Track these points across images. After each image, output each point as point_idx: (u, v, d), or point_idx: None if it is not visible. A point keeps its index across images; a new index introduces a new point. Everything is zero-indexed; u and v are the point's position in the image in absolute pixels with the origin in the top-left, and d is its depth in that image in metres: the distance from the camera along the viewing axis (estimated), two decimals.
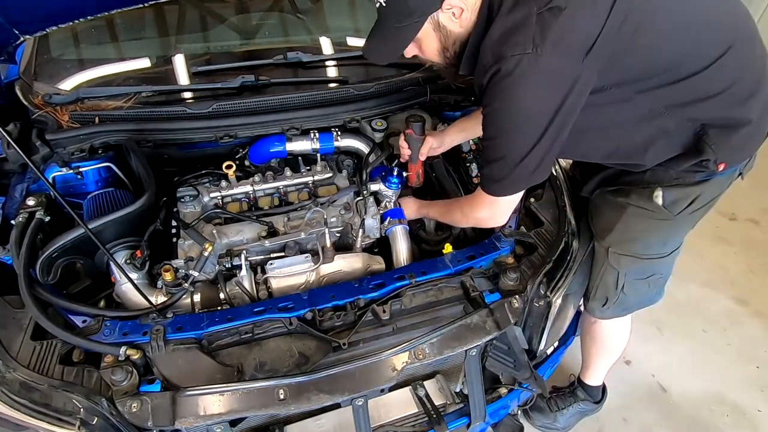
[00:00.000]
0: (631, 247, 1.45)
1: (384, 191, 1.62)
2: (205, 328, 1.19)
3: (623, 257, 1.46)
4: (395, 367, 1.20)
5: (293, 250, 1.44)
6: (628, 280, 1.51)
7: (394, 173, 1.60)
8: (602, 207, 1.48)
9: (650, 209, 1.35)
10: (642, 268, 1.49)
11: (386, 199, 1.62)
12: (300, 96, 1.68)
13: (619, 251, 1.46)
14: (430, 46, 1.23)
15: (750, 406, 2.25)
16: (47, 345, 1.17)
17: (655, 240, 1.44)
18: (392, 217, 1.55)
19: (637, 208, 1.38)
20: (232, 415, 1.11)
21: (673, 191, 1.32)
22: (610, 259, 1.48)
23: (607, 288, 1.54)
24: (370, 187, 1.61)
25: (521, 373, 1.42)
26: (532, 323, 1.42)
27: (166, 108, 1.60)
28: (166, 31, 1.93)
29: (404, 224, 1.54)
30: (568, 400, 2.06)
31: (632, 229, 1.42)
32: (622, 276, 1.50)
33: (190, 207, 1.55)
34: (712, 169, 1.25)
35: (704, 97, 1.16)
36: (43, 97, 1.56)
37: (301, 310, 1.25)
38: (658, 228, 1.40)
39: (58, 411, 1.07)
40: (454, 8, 1.12)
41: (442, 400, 1.45)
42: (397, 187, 1.61)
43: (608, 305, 1.59)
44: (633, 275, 1.50)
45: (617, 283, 1.52)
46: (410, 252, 1.51)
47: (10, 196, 1.43)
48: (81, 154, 1.49)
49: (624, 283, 1.51)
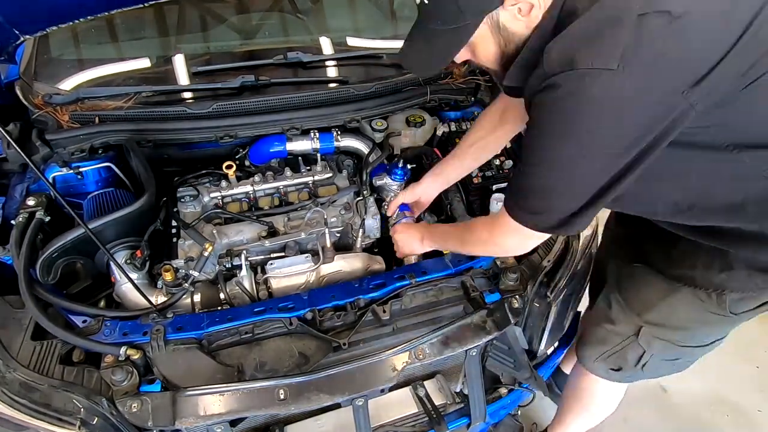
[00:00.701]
0: (671, 333, 1.25)
1: (390, 184, 1.62)
2: (205, 328, 1.19)
3: (657, 341, 1.28)
4: (395, 367, 1.20)
5: (293, 250, 1.44)
6: (653, 361, 1.34)
7: (399, 165, 1.59)
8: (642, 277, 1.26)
9: (708, 302, 1.14)
10: (674, 353, 1.31)
11: (392, 193, 1.62)
12: (300, 96, 1.68)
13: (654, 334, 1.27)
14: (486, 51, 0.98)
15: (750, 406, 2.25)
16: (47, 345, 1.17)
17: (701, 332, 1.24)
18: (399, 210, 1.54)
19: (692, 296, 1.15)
20: (232, 415, 1.11)
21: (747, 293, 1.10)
22: (640, 338, 1.30)
23: (626, 361, 1.38)
24: (376, 181, 1.61)
25: (521, 373, 1.42)
26: (532, 323, 1.42)
27: (166, 108, 1.60)
28: (166, 31, 1.93)
29: (412, 217, 1.54)
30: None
31: (678, 316, 1.21)
32: (647, 355, 1.33)
33: (190, 207, 1.55)
34: None
35: None
36: (43, 97, 1.56)
37: (301, 310, 1.25)
38: (710, 322, 1.18)
39: (58, 411, 1.07)
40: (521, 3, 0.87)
41: (442, 400, 1.45)
42: (402, 179, 1.61)
43: (620, 372, 1.42)
44: (660, 357, 1.33)
45: (640, 360, 1.34)
46: None
47: (10, 196, 1.43)
48: (81, 154, 1.49)
49: (647, 362, 1.35)
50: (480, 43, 0.96)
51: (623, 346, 1.36)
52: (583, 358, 1.50)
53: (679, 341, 1.27)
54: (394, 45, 2.07)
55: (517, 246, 1.11)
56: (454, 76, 1.89)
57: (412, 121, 1.78)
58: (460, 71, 1.90)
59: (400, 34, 2.14)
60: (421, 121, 1.78)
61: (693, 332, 1.25)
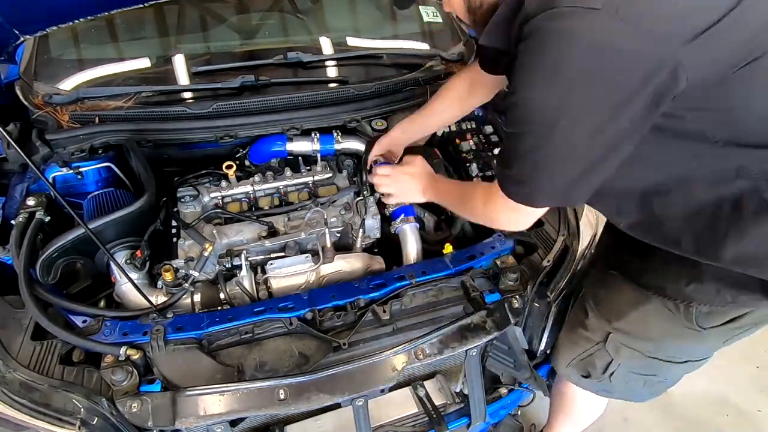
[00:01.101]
0: (639, 343, 1.22)
1: None
2: (205, 328, 1.19)
3: (625, 348, 1.24)
4: (395, 367, 1.20)
5: (293, 250, 1.44)
6: (621, 371, 1.30)
7: None
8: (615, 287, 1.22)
9: (674, 312, 1.10)
10: (643, 365, 1.26)
11: None
12: (300, 96, 1.68)
13: (623, 342, 1.23)
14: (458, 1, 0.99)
15: (750, 406, 2.25)
16: (47, 345, 1.17)
17: (671, 345, 1.19)
18: (405, 214, 1.52)
19: (661, 306, 1.12)
20: (232, 415, 1.11)
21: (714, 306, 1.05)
22: (608, 345, 1.26)
23: (594, 367, 1.33)
24: None
25: (521, 373, 1.42)
26: (532, 323, 1.42)
27: (166, 108, 1.59)
28: (166, 31, 1.93)
29: (414, 222, 1.53)
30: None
31: (648, 327, 1.17)
32: (614, 364, 1.28)
33: (190, 207, 1.55)
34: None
35: None
36: (43, 97, 1.56)
37: (301, 310, 1.25)
38: (681, 335, 1.13)
39: (58, 411, 1.07)
40: None
41: (442, 400, 1.45)
42: None
43: (590, 380, 1.38)
44: (629, 368, 1.29)
45: (607, 368, 1.30)
46: (420, 251, 1.50)
47: (10, 196, 1.44)
48: (81, 154, 1.49)
49: (614, 372, 1.30)
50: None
51: (592, 352, 1.32)
52: (556, 363, 1.47)
53: (648, 352, 1.23)
54: (394, 45, 2.07)
55: (511, 222, 1.07)
56: None
57: None
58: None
59: (401, 34, 2.15)
60: None
61: (661, 344, 1.21)
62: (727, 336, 1.14)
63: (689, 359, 1.23)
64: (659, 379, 1.31)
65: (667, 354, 1.22)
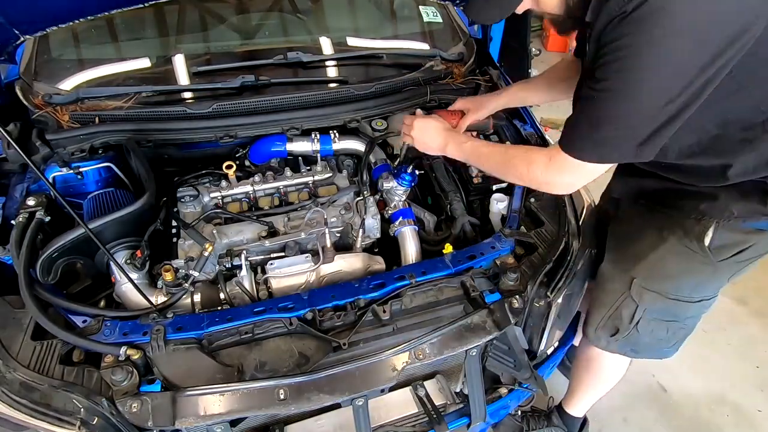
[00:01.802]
0: (660, 284, 1.32)
1: (396, 188, 1.58)
2: (205, 328, 1.19)
3: (647, 292, 1.34)
4: (395, 367, 1.20)
5: (293, 250, 1.44)
6: (645, 317, 1.39)
7: (408, 170, 1.56)
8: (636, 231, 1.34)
9: (692, 249, 1.22)
10: (665, 309, 1.36)
11: (396, 198, 1.58)
12: (300, 96, 1.68)
13: (644, 285, 1.33)
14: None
15: (750, 406, 2.25)
16: (47, 345, 1.17)
17: (687, 282, 1.30)
18: (403, 217, 1.53)
19: (678, 244, 1.23)
20: (232, 415, 1.11)
21: (725, 233, 1.17)
22: (632, 291, 1.36)
23: (621, 319, 1.42)
24: (383, 184, 1.59)
25: (521, 373, 1.42)
26: (533, 323, 1.42)
27: (166, 108, 1.60)
28: (166, 31, 1.93)
29: (413, 225, 1.53)
30: (540, 422, 1.92)
31: (667, 266, 1.28)
32: (640, 311, 1.38)
33: (190, 207, 1.55)
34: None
35: None
36: (43, 97, 1.56)
37: (301, 310, 1.25)
38: (696, 270, 1.26)
39: (58, 411, 1.07)
40: None
41: (442, 400, 1.45)
42: (409, 185, 1.58)
43: (617, 337, 1.47)
44: (653, 314, 1.38)
45: (633, 317, 1.40)
46: (419, 253, 1.51)
47: (10, 196, 1.44)
48: (81, 154, 1.49)
49: (640, 319, 1.39)
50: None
51: (618, 304, 1.40)
52: (587, 331, 1.54)
53: (668, 292, 1.31)
54: (394, 45, 2.07)
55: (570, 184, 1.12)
56: (454, 76, 1.89)
57: None
58: (460, 71, 1.90)
59: (400, 34, 2.15)
60: None
61: (679, 283, 1.30)
62: (733, 270, 1.26)
63: (703, 298, 1.33)
64: (680, 324, 1.40)
65: (684, 294, 1.31)
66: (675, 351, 1.50)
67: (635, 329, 1.41)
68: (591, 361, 1.71)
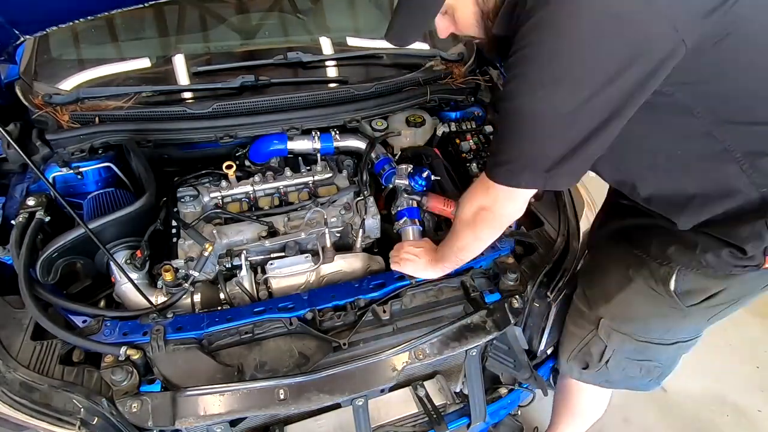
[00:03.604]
0: (628, 326, 1.25)
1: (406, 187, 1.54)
2: (205, 328, 1.19)
3: (615, 333, 1.27)
4: (395, 367, 1.20)
5: (293, 250, 1.44)
6: (616, 357, 1.32)
7: (424, 174, 1.52)
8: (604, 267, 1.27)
9: (659, 292, 1.14)
10: (636, 349, 1.29)
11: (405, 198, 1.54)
12: (300, 96, 1.68)
13: (612, 326, 1.27)
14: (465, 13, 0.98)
15: (750, 406, 2.25)
16: (47, 345, 1.18)
17: (657, 325, 1.23)
18: (408, 216, 1.50)
19: (644, 285, 1.16)
20: (232, 415, 1.11)
21: (690, 279, 1.08)
22: (599, 331, 1.29)
23: (591, 356, 1.36)
24: (395, 181, 1.55)
25: (521, 373, 1.42)
26: (532, 323, 1.42)
27: (166, 108, 1.59)
28: (166, 31, 1.93)
29: (417, 225, 1.51)
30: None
31: (633, 308, 1.22)
32: (609, 350, 1.31)
33: (190, 207, 1.55)
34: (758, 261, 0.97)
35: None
36: (43, 97, 1.56)
37: (301, 310, 1.25)
38: (665, 314, 1.18)
39: (58, 411, 1.07)
40: None
41: (442, 400, 1.45)
42: (422, 188, 1.54)
43: (588, 371, 1.40)
44: (623, 354, 1.31)
45: (603, 356, 1.33)
46: None
47: (10, 196, 1.44)
48: (81, 154, 1.49)
49: (610, 359, 1.33)
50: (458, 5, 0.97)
51: (587, 341, 1.35)
52: (559, 361, 1.49)
53: (636, 334, 1.25)
54: None
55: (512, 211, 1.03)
56: (454, 76, 1.89)
57: (412, 121, 1.78)
58: (460, 71, 1.90)
59: None
60: (421, 121, 1.78)
61: (648, 325, 1.23)
62: (708, 315, 1.16)
63: (678, 341, 1.25)
64: (655, 364, 1.33)
65: (656, 336, 1.24)
66: (656, 385, 1.42)
67: (605, 366, 1.35)
68: (568, 395, 1.65)
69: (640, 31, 0.78)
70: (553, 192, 1.57)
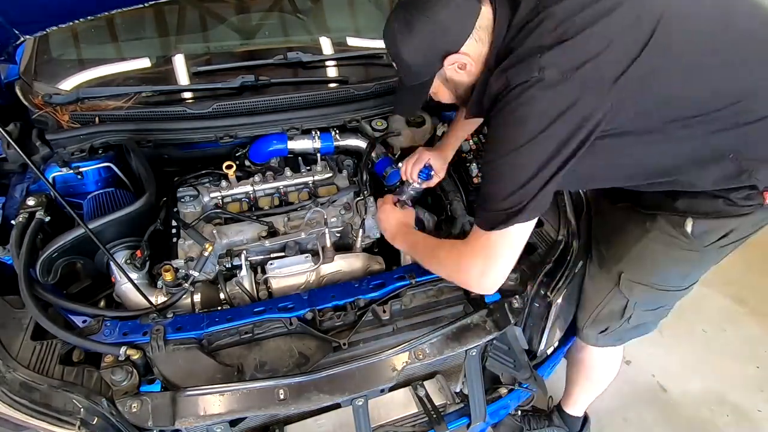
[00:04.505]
0: (648, 276, 1.33)
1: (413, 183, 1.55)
2: (205, 328, 1.19)
3: (637, 285, 1.35)
4: (395, 367, 1.20)
5: (293, 250, 1.44)
6: (637, 311, 1.40)
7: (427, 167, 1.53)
8: (620, 226, 1.37)
9: (676, 237, 1.23)
10: (654, 299, 1.38)
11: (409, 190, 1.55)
12: (300, 96, 1.68)
13: (633, 279, 1.34)
14: (444, 95, 1.27)
15: (750, 406, 2.25)
16: (47, 345, 1.17)
17: (675, 272, 1.32)
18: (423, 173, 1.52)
19: (661, 234, 1.26)
20: (232, 415, 1.11)
21: (706, 221, 1.20)
22: (621, 286, 1.37)
23: (612, 316, 1.44)
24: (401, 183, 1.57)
25: (521, 373, 1.42)
26: (532, 323, 1.42)
27: (166, 108, 1.59)
28: (166, 31, 1.93)
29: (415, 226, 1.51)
30: (542, 422, 1.94)
31: (652, 257, 1.30)
32: (631, 305, 1.39)
33: (190, 207, 1.55)
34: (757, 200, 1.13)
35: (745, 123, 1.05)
36: (43, 97, 1.56)
37: (301, 310, 1.25)
38: (682, 259, 1.27)
39: (58, 411, 1.07)
40: (457, 63, 1.13)
41: (442, 400, 1.45)
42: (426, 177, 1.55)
43: (607, 333, 1.49)
44: (643, 306, 1.40)
45: (624, 312, 1.41)
46: None
47: (10, 196, 1.44)
48: (81, 154, 1.49)
49: (632, 314, 1.41)
50: (438, 91, 1.24)
51: (608, 301, 1.42)
52: (577, 329, 1.56)
53: (657, 284, 1.33)
54: None
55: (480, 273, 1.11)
56: None
57: (412, 121, 1.78)
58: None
59: None
60: (421, 121, 1.78)
61: (668, 272, 1.32)
62: (720, 254, 1.27)
63: (691, 284, 1.35)
64: (667, 308, 1.44)
65: (673, 283, 1.34)
66: (656, 326, 1.52)
67: (627, 322, 1.43)
68: (582, 361, 1.73)
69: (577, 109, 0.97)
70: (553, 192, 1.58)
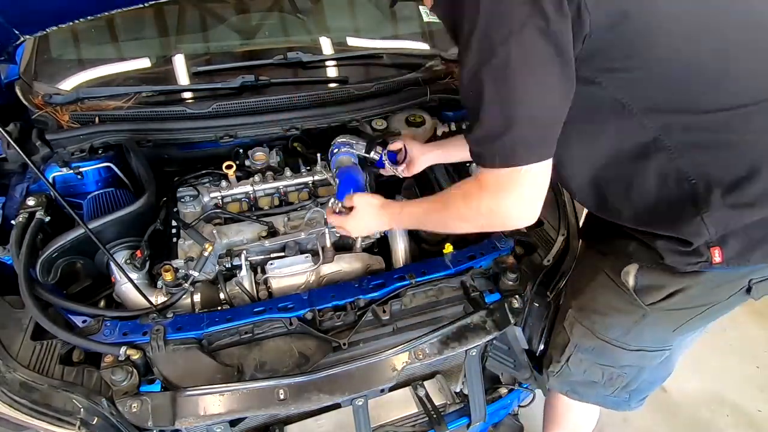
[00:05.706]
0: (588, 317, 1.25)
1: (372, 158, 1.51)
2: (205, 328, 1.19)
3: (578, 325, 1.27)
4: (395, 367, 1.20)
5: (293, 250, 1.44)
6: (575, 353, 1.30)
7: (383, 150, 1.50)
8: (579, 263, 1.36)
9: (619, 285, 1.15)
10: (596, 349, 1.27)
11: None
12: (300, 96, 1.68)
13: (576, 317, 1.28)
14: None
15: (750, 406, 2.25)
16: (47, 345, 1.17)
17: (617, 323, 1.20)
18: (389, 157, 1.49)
19: (608, 278, 1.17)
20: (232, 415, 1.11)
21: (648, 274, 1.10)
22: (566, 321, 1.31)
23: (556, 350, 1.35)
24: None
25: (521, 373, 1.42)
26: (532, 323, 1.42)
27: (166, 108, 1.60)
28: (166, 31, 1.93)
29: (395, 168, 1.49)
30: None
31: (597, 300, 1.22)
32: (571, 346, 1.30)
33: (190, 207, 1.55)
34: (704, 255, 0.98)
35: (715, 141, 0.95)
36: (43, 97, 1.56)
37: (301, 310, 1.25)
38: (624, 311, 1.17)
39: (58, 411, 1.07)
40: None
41: (442, 400, 1.46)
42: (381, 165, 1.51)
43: (552, 370, 1.38)
44: (584, 352, 1.29)
45: (563, 350, 1.32)
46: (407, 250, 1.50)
47: (10, 196, 1.44)
48: (81, 154, 1.49)
49: (570, 355, 1.31)
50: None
51: (558, 332, 1.35)
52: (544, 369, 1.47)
53: (597, 331, 1.23)
54: (394, 45, 2.07)
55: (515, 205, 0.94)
56: (454, 76, 1.89)
57: (412, 121, 1.78)
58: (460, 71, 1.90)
59: (400, 34, 2.15)
60: (421, 121, 1.78)
61: (610, 321, 1.21)
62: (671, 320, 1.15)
63: (641, 348, 1.22)
64: (617, 371, 1.29)
65: (615, 336, 1.22)
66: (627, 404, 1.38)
67: (566, 365, 1.33)
68: (555, 409, 1.66)
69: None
70: (553, 192, 1.58)
